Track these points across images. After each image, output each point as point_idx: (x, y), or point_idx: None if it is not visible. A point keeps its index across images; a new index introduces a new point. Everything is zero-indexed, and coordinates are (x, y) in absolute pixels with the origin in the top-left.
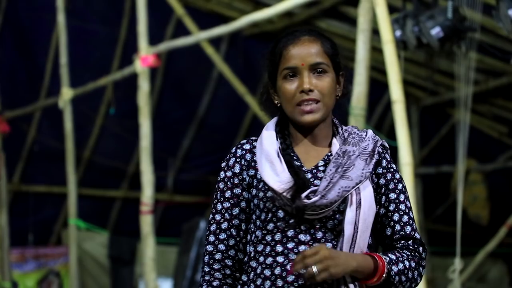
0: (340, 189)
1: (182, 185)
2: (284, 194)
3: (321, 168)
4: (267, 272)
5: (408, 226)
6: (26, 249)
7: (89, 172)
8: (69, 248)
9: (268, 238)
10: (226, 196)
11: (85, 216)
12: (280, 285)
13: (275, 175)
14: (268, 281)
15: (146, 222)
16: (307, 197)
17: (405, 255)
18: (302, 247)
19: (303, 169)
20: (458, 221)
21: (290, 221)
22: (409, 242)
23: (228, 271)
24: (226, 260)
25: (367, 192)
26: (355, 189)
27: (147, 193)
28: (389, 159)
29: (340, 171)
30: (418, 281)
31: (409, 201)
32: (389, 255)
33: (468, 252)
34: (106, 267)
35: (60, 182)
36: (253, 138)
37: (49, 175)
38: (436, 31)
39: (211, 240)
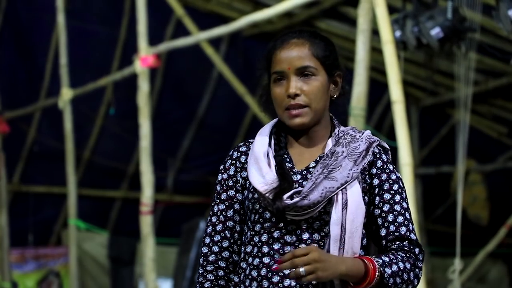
0: (324, 189)
1: (182, 185)
2: (267, 194)
3: (312, 170)
4: (254, 273)
5: (403, 227)
6: (26, 250)
7: (89, 173)
8: (69, 248)
9: (256, 239)
10: (222, 198)
11: (85, 217)
12: (266, 286)
13: (260, 176)
14: (254, 282)
15: (146, 223)
16: (291, 197)
17: (399, 257)
18: (288, 248)
19: (294, 170)
20: (458, 221)
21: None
22: (404, 243)
23: (221, 273)
24: (219, 262)
25: (354, 192)
26: (341, 190)
27: (147, 193)
28: (385, 160)
29: (325, 171)
30: (415, 283)
31: (406, 202)
32: (382, 257)
33: (468, 253)
34: (106, 268)
35: (60, 183)
36: (250, 140)
37: (49, 175)
38: (436, 31)
39: (206, 242)
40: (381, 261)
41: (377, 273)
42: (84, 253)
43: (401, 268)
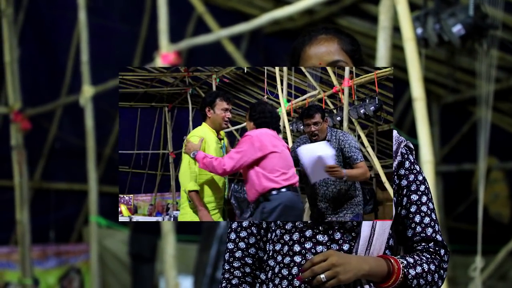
0: None
1: None
2: None
3: None
4: (284, 272)
5: (429, 228)
6: (47, 246)
7: (110, 170)
8: (90, 245)
9: (286, 237)
10: None
11: (105, 214)
12: (297, 285)
13: None
14: (285, 280)
15: None
16: None
17: (424, 258)
18: (319, 248)
19: None
20: (479, 219)
21: (308, 221)
22: (430, 245)
23: (248, 269)
24: (246, 258)
25: None
26: None
27: None
28: (412, 161)
29: None
30: (440, 284)
31: (432, 203)
32: (407, 258)
33: (489, 250)
34: (127, 264)
35: (81, 180)
36: None
37: (70, 172)
38: (457, 28)
39: (232, 238)
40: (405, 262)
41: (401, 274)
42: (105, 250)
43: (426, 270)
